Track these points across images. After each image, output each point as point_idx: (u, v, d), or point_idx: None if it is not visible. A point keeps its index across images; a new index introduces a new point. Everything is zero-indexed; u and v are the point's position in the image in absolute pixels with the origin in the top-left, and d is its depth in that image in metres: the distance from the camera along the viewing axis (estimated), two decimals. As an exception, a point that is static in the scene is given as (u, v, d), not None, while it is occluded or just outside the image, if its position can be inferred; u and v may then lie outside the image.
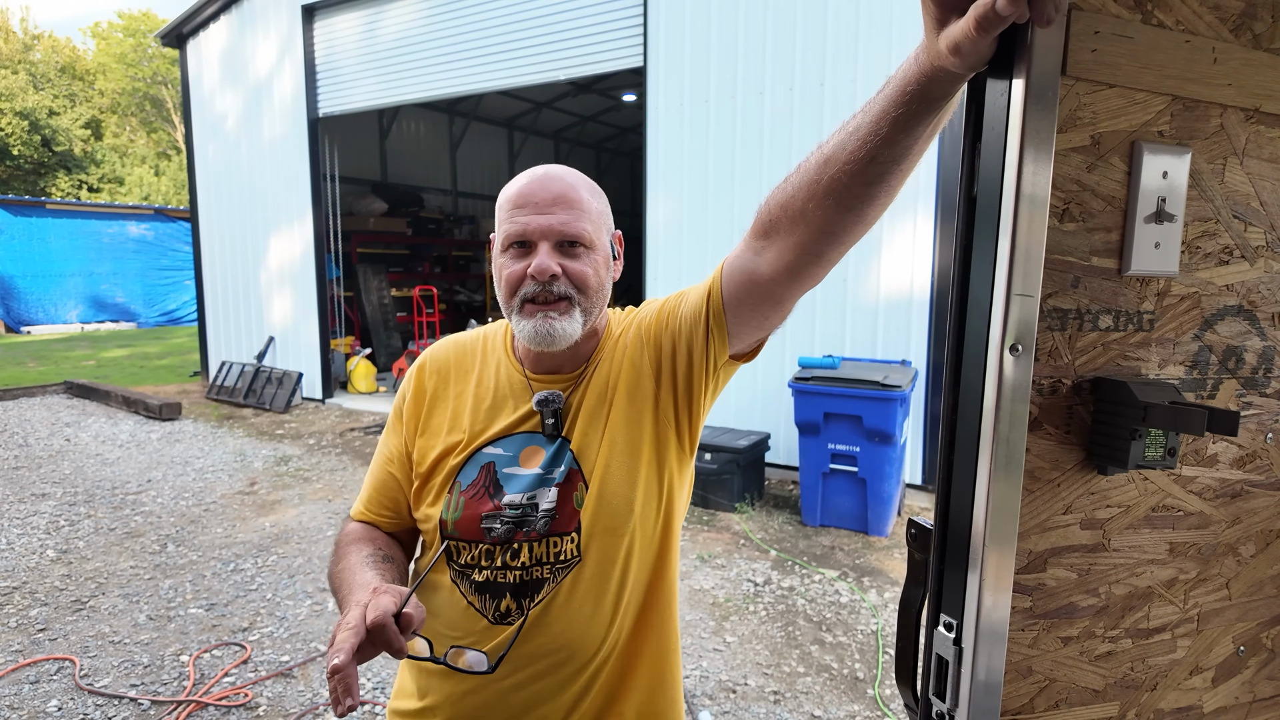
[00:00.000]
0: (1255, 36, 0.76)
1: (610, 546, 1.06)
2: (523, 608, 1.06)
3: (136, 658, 3.20)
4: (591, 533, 1.05)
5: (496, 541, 1.06)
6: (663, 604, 1.13)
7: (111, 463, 6.26)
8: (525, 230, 1.03)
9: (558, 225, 1.03)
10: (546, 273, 1.01)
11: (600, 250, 1.07)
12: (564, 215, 1.03)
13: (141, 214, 18.79)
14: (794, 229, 0.87)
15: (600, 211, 1.09)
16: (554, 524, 1.06)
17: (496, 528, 1.06)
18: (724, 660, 3.21)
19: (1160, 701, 0.85)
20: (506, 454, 1.09)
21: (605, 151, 16.28)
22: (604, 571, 1.06)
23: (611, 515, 1.05)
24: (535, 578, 1.06)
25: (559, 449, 1.08)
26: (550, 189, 1.04)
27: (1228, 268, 0.80)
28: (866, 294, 5.43)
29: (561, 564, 1.06)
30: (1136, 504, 0.80)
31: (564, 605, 1.05)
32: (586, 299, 1.05)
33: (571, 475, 1.07)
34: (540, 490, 1.06)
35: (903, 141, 0.73)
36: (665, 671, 1.14)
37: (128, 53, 31.65)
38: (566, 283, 1.03)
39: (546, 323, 1.03)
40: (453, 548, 1.09)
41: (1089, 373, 0.75)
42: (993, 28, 0.57)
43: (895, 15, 5.18)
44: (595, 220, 1.07)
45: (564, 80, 7.19)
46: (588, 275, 1.04)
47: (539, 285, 1.02)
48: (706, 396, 1.09)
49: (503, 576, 1.06)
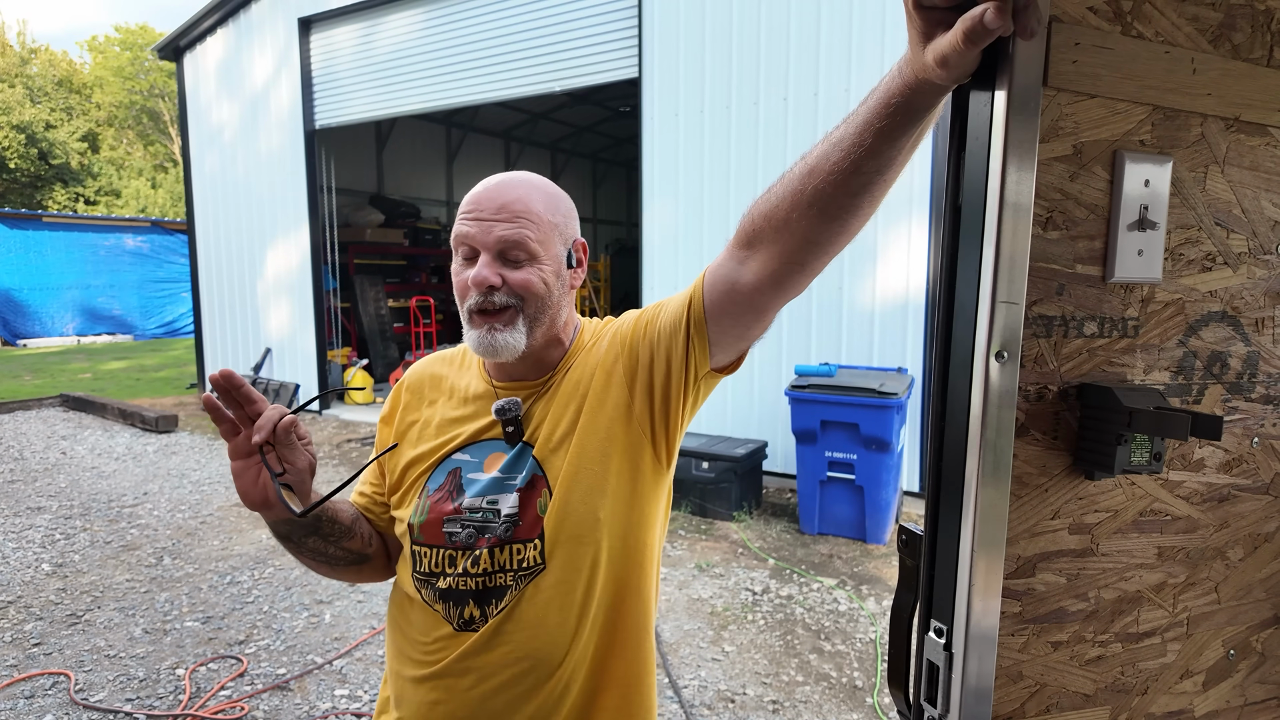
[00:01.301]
0: (1234, 47, 0.77)
1: (575, 555, 1.05)
2: (486, 614, 1.06)
3: (132, 672, 3.19)
4: (556, 540, 1.05)
5: (458, 546, 1.07)
6: (635, 623, 1.11)
7: (107, 475, 6.24)
8: (468, 238, 1.04)
9: (498, 234, 1.02)
10: (484, 284, 1.02)
11: (549, 259, 1.06)
12: (506, 225, 1.03)
13: (138, 226, 18.80)
14: (777, 238, 0.87)
15: (553, 222, 1.07)
16: (517, 530, 1.06)
17: (457, 531, 1.07)
18: (722, 670, 3.21)
19: (1151, 706, 0.85)
20: (473, 460, 1.11)
21: (601, 161, 16.34)
22: (568, 580, 1.05)
23: (576, 523, 1.05)
24: (498, 584, 1.06)
25: (519, 454, 1.08)
26: (498, 198, 1.04)
27: (1211, 274, 0.81)
28: (862, 301, 5.45)
29: (524, 571, 1.06)
30: (1124, 509, 0.80)
31: (527, 613, 1.05)
32: (531, 306, 1.05)
33: (535, 481, 1.07)
34: (501, 495, 1.07)
35: (886, 152, 0.74)
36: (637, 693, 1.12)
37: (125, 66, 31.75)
38: (508, 293, 1.03)
39: (490, 335, 1.04)
40: (418, 553, 1.11)
41: (1075, 379, 0.76)
42: (981, 40, 0.58)
43: (888, 26, 5.22)
44: (544, 229, 1.05)
45: (560, 91, 7.22)
46: (531, 284, 1.04)
47: (481, 296, 1.03)
48: (685, 408, 1.08)
49: (464, 583, 1.07)
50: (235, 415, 0.94)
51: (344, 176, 10.79)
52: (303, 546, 1.10)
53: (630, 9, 6.30)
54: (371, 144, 11.92)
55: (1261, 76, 0.78)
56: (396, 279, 11.83)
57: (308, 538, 1.09)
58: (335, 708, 2.94)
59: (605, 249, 15.67)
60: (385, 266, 11.61)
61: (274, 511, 0.99)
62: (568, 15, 6.72)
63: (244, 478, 0.96)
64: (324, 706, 2.94)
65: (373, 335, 10.93)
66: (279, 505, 0.96)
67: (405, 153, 12.58)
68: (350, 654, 3.34)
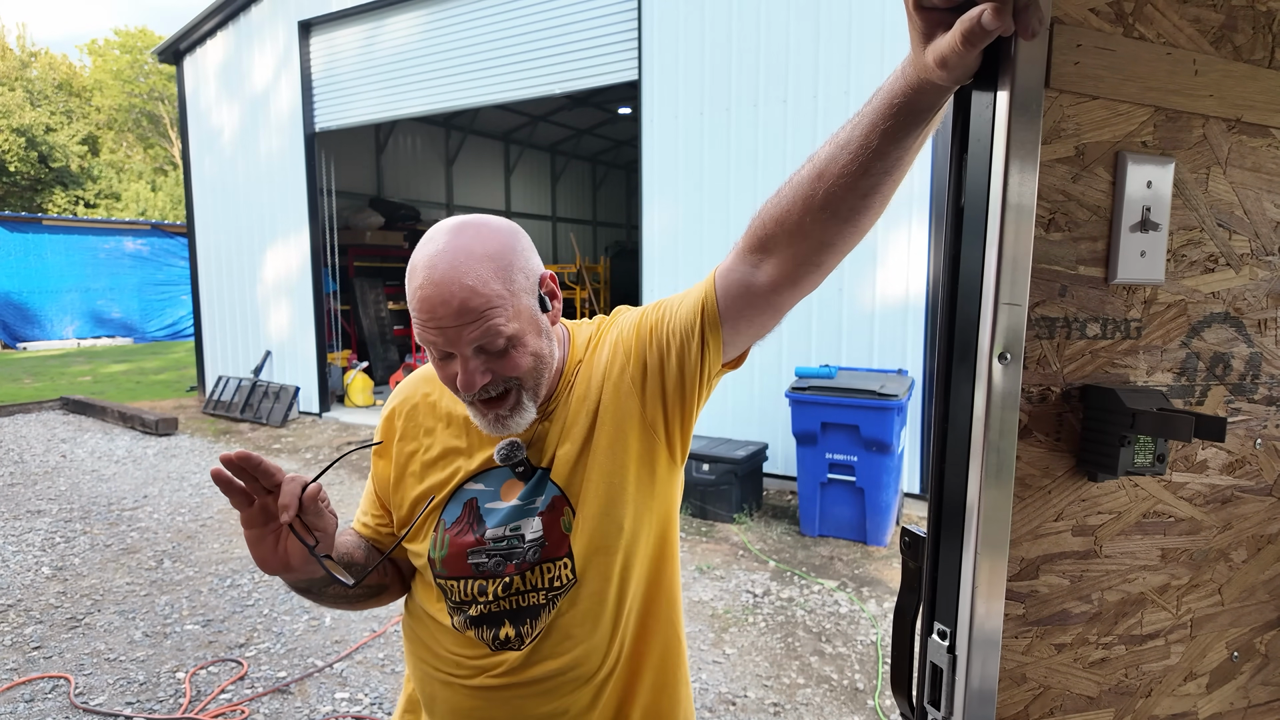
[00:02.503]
0: (1235, 48, 0.77)
1: (605, 565, 1.06)
2: (521, 635, 1.06)
3: (132, 675, 3.18)
4: (586, 555, 1.05)
5: (486, 575, 1.06)
6: (664, 609, 1.14)
7: (107, 479, 6.23)
8: (438, 345, 0.97)
9: (468, 338, 0.94)
10: (474, 387, 0.97)
11: (528, 328, 0.99)
12: (473, 327, 0.94)
13: (138, 229, 18.79)
14: (791, 242, 0.87)
15: (514, 289, 0.97)
16: (544, 551, 1.05)
17: (484, 561, 1.06)
18: (723, 672, 3.20)
19: (1155, 708, 0.85)
20: (488, 489, 1.08)
21: (601, 164, 16.34)
22: (601, 590, 1.06)
23: (603, 535, 1.05)
24: (531, 604, 1.06)
25: (538, 481, 1.07)
26: (451, 300, 0.93)
27: (1213, 275, 0.81)
28: (862, 303, 5.45)
29: (558, 588, 1.06)
30: (1127, 510, 0.80)
31: (564, 627, 1.06)
32: (528, 381, 1.01)
33: (556, 502, 1.06)
34: (523, 521, 1.06)
35: (893, 153, 0.74)
36: (670, 671, 1.15)
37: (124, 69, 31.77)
38: (500, 381, 0.99)
39: (500, 423, 1.01)
40: (445, 587, 1.09)
41: (1078, 380, 0.76)
42: (979, 41, 0.58)
43: (887, 27, 5.23)
44: (510, 304, 0.96)
45: (559, 94, 7.23)
46: (519, 365, 0.98)
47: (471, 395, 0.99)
48: (698, 406, 1.09)
49: (498, 606, 1.06)
50: (248, 486, 0.91)
51: (344, 179, 10.79)
52: (323, 595, 1.08)
53: (630, 11, 6.31)
54: (371, 147, 11.93)
55: (1263, 78, 0.78)
56: (396, 281, 11.81)
57: (328, 586, 1.06)
58: (336, 711, 2.93)
59: (605, 251, 15.66)
60: (385, 269, 11.60)
61: (295, 574, 0.96)
62: (567, 17, 6.72)
63: (262, 546, 0.93)
64: (324, 710, 2.94)
65: (373, 338, 10.92)
66: (303, 569, 0.94)
67: (405, 155, 12.59)
68: (351, 657, 3.33)
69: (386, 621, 3.63)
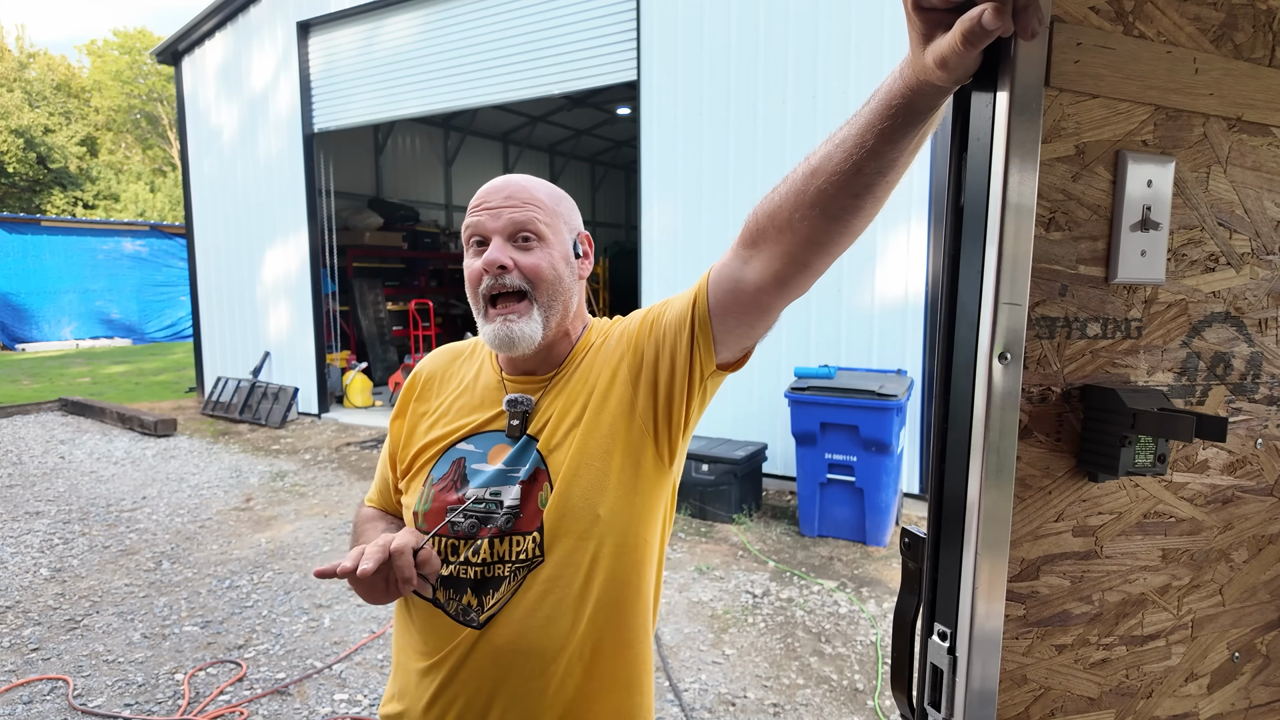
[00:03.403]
0: (1236, 47, 0.77)
1: (573, 550, 1.06)
2: (482, 604, 1.07)
3: (131, 677, 3.18)
4: (554, 534, 1.06)
5: (461, 536, 1.08)
6: (634, 623, 1.10)
7: (106, 480, 6.23)
8: (479, 226, 1.08)
9: (506, 217, 1.07)
10: (495, 264, 1.05)
11: (557, 244, 1.10)
12: (513, 209, 1.07)
13: (137, 230, 18.78)
14: (781, 239, 0.87)
15: (557, 211, 1.12)
16: (517, 522, 1.06)
17: (460, 521, 1.08)
18: (723, 673, 3.20)
19: (1156, 709, 0.85)
20: (477, 450, 1.12)
21: (600, 165, 16.35)
22: (564, 575, 1.06)
23: (575, 518, 1.05)
24: (495, 575, 1.07)
25: (523, 447, 1.10)
26: (504, 188, 1.09)
27: (1214, 274, 0.81)
28: (861, 303, 5.45)
29: (521, 563, 1.06)
30: (1128, 511, 0.80)
31: (521, 604, 1.06)
32: (542, 293, 1.08)
33: (537, 474, 1.08)
34: (504, 487, 1.08)
35: (889, 154, 0.74)
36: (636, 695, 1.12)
37: (123, 70, 31.74)
38: (519, 275, 1.07)
39: (506, 326, 1.06)
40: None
41: (1078, 380, 0.76)
42: (979, 42, 0.58)
43: (886, 28, 5.23)
44: (550, 214, 1.10)
45: (558, 94, 7.22)
46: (541, 267, 1.07)
47: (493, 279, 1.06)
48: (691, 407, 1.08)
49: (464, 572, 1.07)
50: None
51: (342, 179, 10.79)
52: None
53: (629, 11, 6.31)
54: (370, 147, 11.92)
55: (1263, 76, 0.78)
56: (395, 282, 11.83)
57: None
58: (335, 712, 2.93)
59: (604, 252, 15.68)
60: (384, 269, 11.60)
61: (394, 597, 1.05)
62: (566, 18, 6.72)
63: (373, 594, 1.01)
64: (323, 711, 2.93)
65: (371, 338, 10.92)
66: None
67: (404, 156, 12.58)
68: (350, 658, 3.33)
69: (385, 623, 3.63)
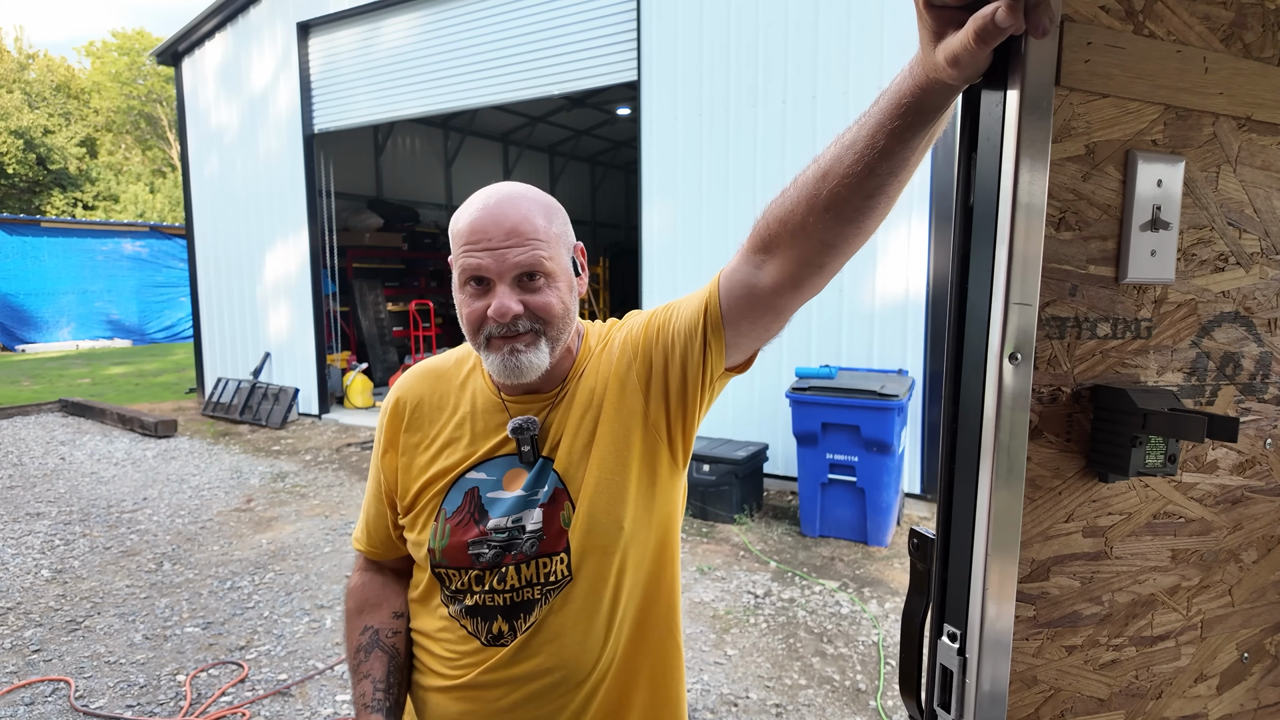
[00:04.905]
0: (1245, 46, 0.77)
1: (602, 564, 1.05)
2: (515, 629, 1.05)
3: (132, 678, 3.17)
4: (582, 552, 1.04)
5: (485, 566, 1.06)
6: (661, 619, 1.12)
7: (106, 481, 6.22)
8: (481, 268, 0.99)
9: (513, 260, 0.99)
10: (508, 315, 0.99)
11: (562, 275, 1.04)
12: (520, 250, 0.99)
13: (137, 231, 18.77)
14: (794, 243, 0.87)
15: (557, 234, 1.04)
16: (542, 545, 1.05)
17: (485, 553, 1.06)
18: (725, 674, 3.19)
19: (1166, 710, 0.85)
20: (490, 478, 1.08)
21: (600, 165, 16.33)
22: (596, 590, 1.05)
23: (601, 533, 1.04)
24: (526, 599, 1.05)
25: (541, 469, 1.07)
26: (504, 223, 0.99)
27: (1223, 274, 0.80)
28: (862, 303, 5.44)
29: (552, 584, 1.05)
30: (1138, 511, 0.80)
31: (556, 625, 1.05)
32: (553, 328, 1.03)
33: (557, 495, 1.06)
34: (525, 512, 1.06)
35: (899, 153, 0.73)
36: (665, 687, 1.13)
37: (122, 71, 31.74)
38: (530, 318, 1.01)
39: (514, 357, 1.01)
40: (443, 575, 1.09)
41: (1088, 380, 0.76)
42: (992, 39, 0.58)
43: (885, 28, 5.23)
44: (554, 245, 1.02)
45: (558, 95, 7.22)
46: (552, 306, 1.01)
47: (501, 325, 1.00)
48: (700, 409, 1.08)
49: (492, 600, 1.06)
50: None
51: (342, 180, 10.78)
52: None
53: (629, 12, 6.30)
54: (370, 148, 11.91)
55: (1273, 76, 0.78)
56: (396, 282, 11.82)
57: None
58: (336, 713, 2.92)
59: (604, 252, 15.66)
60: (384, 270, 11.59)
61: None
62: (566, 18, 6.72)
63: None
64: (325, 712, 2.93)
65: (372, 339, 10.91)
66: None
67: (403, 156, 12.57)
68: (351, 659, 3.32)
69: (387, 623, 3.62)
